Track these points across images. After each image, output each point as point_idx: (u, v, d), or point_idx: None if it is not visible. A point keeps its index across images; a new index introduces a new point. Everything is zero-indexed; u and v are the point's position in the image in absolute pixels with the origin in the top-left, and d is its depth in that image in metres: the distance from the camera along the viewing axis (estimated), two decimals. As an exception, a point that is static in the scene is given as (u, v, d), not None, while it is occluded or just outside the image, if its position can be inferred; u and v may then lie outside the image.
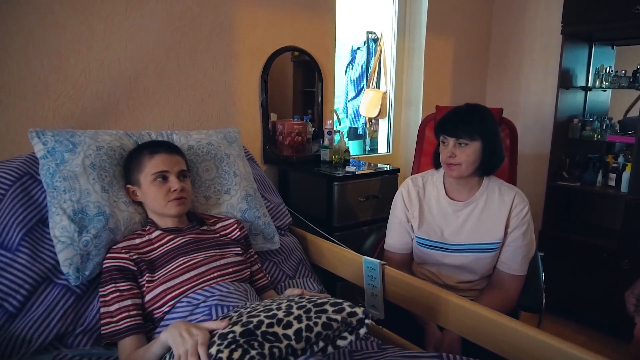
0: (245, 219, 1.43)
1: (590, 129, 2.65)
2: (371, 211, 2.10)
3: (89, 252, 1.13)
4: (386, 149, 3.08)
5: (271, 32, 2.19)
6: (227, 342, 0.79)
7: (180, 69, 1.91)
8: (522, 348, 1.05)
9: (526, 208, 1.42)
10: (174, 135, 1.46)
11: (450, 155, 1.36)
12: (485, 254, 1.42)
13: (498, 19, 3.27)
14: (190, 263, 1.15)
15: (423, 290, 1.23)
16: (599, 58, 2.77)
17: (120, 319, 1.07)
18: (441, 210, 1.47)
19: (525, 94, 3.15)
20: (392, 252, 1.54)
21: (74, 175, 1.18)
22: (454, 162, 1.36)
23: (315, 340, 0.84)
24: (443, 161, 1.40)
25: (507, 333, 1.07)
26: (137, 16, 1.76)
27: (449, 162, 1.37)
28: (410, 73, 3.01)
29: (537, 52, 3.07)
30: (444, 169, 1.43)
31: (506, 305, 1.40)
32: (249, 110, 2.18)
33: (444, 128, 1.39)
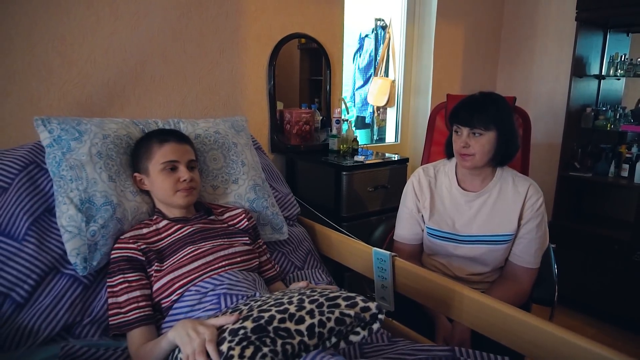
0: (254, 208, 1.41)
1: (603, 119, 2.59)
2: (380, 201, 2.07)
3: (97, 242, 1.11)
4: (394, 139, 3.04)
5: (279, 19, 2.15)
6: (238, 339, 0.77)
7: (186, 56, 1.87)
8: (534, 341, 1.03)
9: (540, 199, 1.38)
10: (181, 123, 1.43)
11: (464, 145, 1.33)
12: (497, 246, 1.39)
13: (510, 3, 3.19)
14: (198, 252, 1.13)
15: (435, 282, 1.21)
16: (614, 45, 2.70)
17: (129, 310, 1.05)
18: (453, 201, 1.44)
19: (537, 82, 3.09)
20: (402, 242, 1.52)
21: (80, 164, 1.16)
22: (468, 152, 1.33)
23: (328, 336, 0.82)
24: (456, 151, 1.37)
25: (520, 326, 1.05)
26: (144, 1, 1.72)
27: (462, 152, 1.34)
28: (420, 61, 2.96)
29: (550, 38, 3.00)
30: (457, 160, 1.40)
31: (519, 298, 1.38)
32: (256, 98, 2.15)
33: (458, 117, 1.36)
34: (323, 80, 2.43)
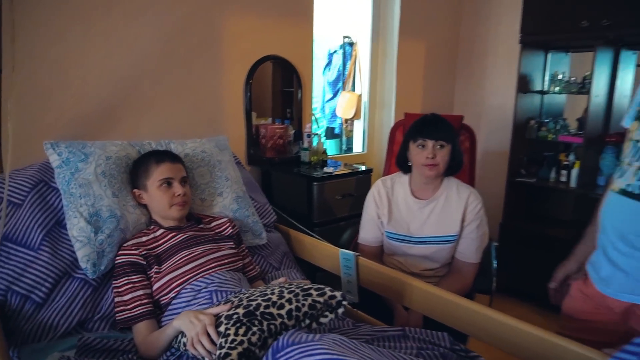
0: (237, 218, 1.62)
1: (545, 130, 2.91)
2: (347, 208, 2.31)
3: (104, 249, 1.31)
4: (362, 149, 3.30)
5: (255, 41, 2.36)
6: (232, 321, 0.99)
7: (173, 77, 2.06)
8: (475, 323, 1.26)
9: (480, 205, 1.65)
10: (172, 144, 1.63)
11: (432, 156, 1.56)
12: (445, 245, 1.65)
13: (466, 25, 3.51)
14: (191, 255, 1.34)
15: (392, 277, 1.45)
16: (555, 64, 3.02)
17: (133, 306, 1.25)
18: (407, 208, 1.68)
19: (488, 97, 3.41)
20: (366, 244, 1.75)
21: (88, 183, 1.35)
22: (434, 162, 1.56)
23: (303, 318, 1.05)
24: (421, 163, 1.58)
25: (463, 311, 1.29)
26: (133, 27, 1.90)
27: (429, 162, 1.56)
28: (384, 76, 3.22)
29: (500, 57, 3.32)
30: (420, 170, 1.61)
31: (463, 288, 1.63)
32: (235, 115, 2.35)
33: (422, 132, 1.59)
34: (294, 95, 2.64)
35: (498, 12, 3.29)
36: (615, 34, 2.39)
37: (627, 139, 1.20)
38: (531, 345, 1.15)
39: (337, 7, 3.48)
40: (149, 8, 1.93)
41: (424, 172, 1.61)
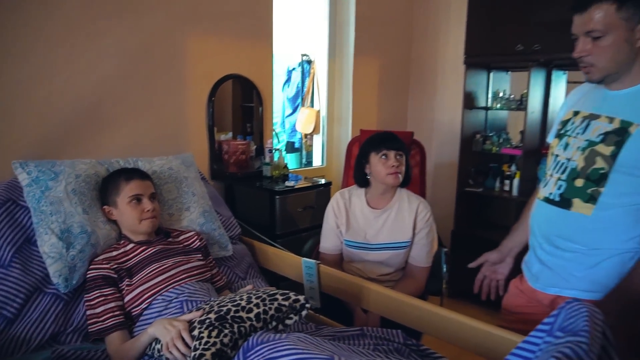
0: (203, 231, 1.70)
1: (490, 143, 3.15)
2: (309, 219, 2.42)
3: (75, 264, 1.36)
4: (321, 162, 3.43)
5: (217, 61, 2.46)
6: (205, 325, 1.08)
7: (136, 96, 2.12)
8: (428, 321, 1.40)
9: (429, 213, 1.81)
10: (139, 162, 1.70)
11: (398, 164, 1.72)
12: (399, 251, 1.79)
13: (416, 45, 3.74)
14: (162, 267, 1.41)
15: (351, 282, 1.57)
16: (497, 82, 3.28)
17: (105, 318, 1.30)
18: (364, 217, 1.82)
19: (438, 113, 3.64)
20: (326, 253, 1.87)
21: (59, 200, 1.40)
22: (399, 170, 1.72)
23: (270, 321, 1.15)
24: (386, 172, 1.72)
25: (416, 310, 1.42)
26: (96, 48, 1.95)
27: (395, 171, 1.71)
28: (341, 93, 3.39)
29: (448, 75, 3.56)
30: (384, 180, 1.74)
31: (417, 290, 1.78)
32: (198, 131, 2.43)
33: (385, 144, 1.74)
34: (255, 112, 2.74)
35: (445, 34, 3.54)
36: (545, 57, 2.65)
37: (550, 154, 1.39)
38: (475, 337, 1.30)
39: (295, 26, 3.64)
40: (111, 29, 2.00)
41: (389, 181, 1.74)
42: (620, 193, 1.18)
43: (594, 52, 1.17)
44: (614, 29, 1.13)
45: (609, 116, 1.21)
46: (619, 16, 1.11)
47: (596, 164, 1.20)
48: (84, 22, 1.91)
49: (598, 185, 1.20)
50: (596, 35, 1.15)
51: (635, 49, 1.15)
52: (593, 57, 1.17)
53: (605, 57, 1.16)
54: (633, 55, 1.16)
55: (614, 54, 1.15)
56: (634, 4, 1.10)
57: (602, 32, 1.13)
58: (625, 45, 1.14)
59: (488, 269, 1.60)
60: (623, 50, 1.15)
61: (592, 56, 1.17)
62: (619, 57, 1.15)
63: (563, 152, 1.31)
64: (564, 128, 1.34)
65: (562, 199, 1.28)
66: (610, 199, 1.19)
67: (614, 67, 1.17)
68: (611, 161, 1.17)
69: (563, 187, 1.28)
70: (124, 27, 2.04)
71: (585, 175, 1.22)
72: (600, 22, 1.13)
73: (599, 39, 1.15)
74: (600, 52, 1.16)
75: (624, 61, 1.16)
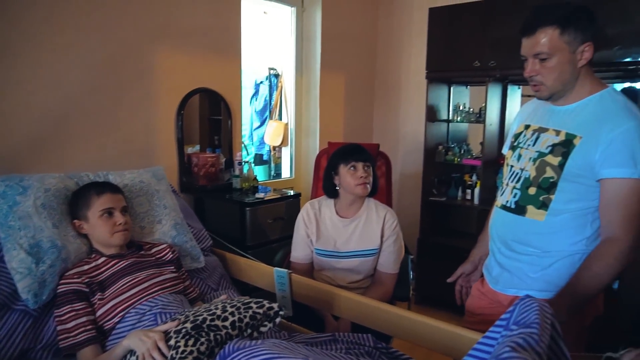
0: (176, 243, 1.71)
1: (451, 154, 3.29)
2: (279, 230, 2.46)
3: (45, 279, 1.34)
4: (290, 174, 3.48)
5: (186, 75, 2.48)
6: (182, 335, 1.10)
7: (104, 110, 2.12)
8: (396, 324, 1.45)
9: (395, 222, 1.88)
10: (110, 175, 1.70)
11: (366, 175, 1.78)
12: (368, 258, 1.85)
13: (379, 59, 3.88)
14: (135, 280, 1.41)
15: (322, 289, 1.62)
16: (457, 96, 3.44)
17: (77, 333, 1.29)
18: (334, 226, 1.88)
19: (403, 125, 3.77)
20: (297, 262, 1.91)
21: (27, 215, 1.39)
22: (367, 181, 1.79)
23: (245, 328, 1.18)
24: (355, 183, 1.78)
25: (385, 314, 1.47)
26: (63, 62, 1.95)
27: (364, 181, 1.78)
28: (308, 107, 3.46)
29: (411, 89, 3.71)
30: (353, 191, 1.80)
31: (385, 296, 1.84)
32: (167, 145, 2.44)
33: (353, 155, 1.80)
34: (223, 124, 2.76)
35: (408, 50, 3.69)
36: (501, 73, 2.81)
37: (505, 164, 1.50)
38: (442, 338, 1.36)
39: (263, 40, 3.70)
40: (79, 43, 2.00)
41: (358, 191, 1.80)
42: (568, 200, 1.29)
43: (541, 72, 1.28)
44: (558, 52, 1.24)
45: (555, 129, 1.32)
46: (562, 40, 1.23)
47: (546, 173, 1.31)
48: (49, 35, 1.90)
49: (549, 192, 1.31)
50: (543, 57, 1.26)
51: (577, 69, 1.27)
52: (541, 76, 1.29)
53: (551, 76, 1.27)
54: (576, 74, 1.28)
55: (559, 74, 1.26)
56: (575, 29, 1.22)
57: (547, 54, 1.25)
58: (569, 66, 1.26)
59: (464, 280, 1.68)
60: (567, 71, 1.26)
61: (540, 76, 1.29)
62: (564, 77, 1.27)
63: (517, 162, 1.41)
64: (517, 140, 1.45)
65: (517, 206, 1.37)
66: (559, 205, 1.30)
67: (559, 86, 1.29)
68: (559, 170, 1.28)
69: (518, 195, 1.38)
70: (92, 40, 2.04)
71: (537, 183, 1.33)
72: (546, 45, 1.24)
73: (545, 60, 1.26)
74: (547, 72, 1.27)
75: (568, 80, 1.28)
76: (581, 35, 1.23)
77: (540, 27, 1.24)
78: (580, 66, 1.27)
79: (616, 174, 1.20)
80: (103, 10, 2.07)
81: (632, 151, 1.18)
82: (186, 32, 2.44)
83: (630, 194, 1.20)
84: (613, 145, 1.19)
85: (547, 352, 0.74)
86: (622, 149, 1.19)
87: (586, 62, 1.26)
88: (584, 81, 1.29)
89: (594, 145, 1.22)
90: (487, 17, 2.85)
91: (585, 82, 1.30)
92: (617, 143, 1.19)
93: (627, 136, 1.19)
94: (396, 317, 1.46)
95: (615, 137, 1.19)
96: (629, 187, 1.19)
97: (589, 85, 1.30)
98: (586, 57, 1.25)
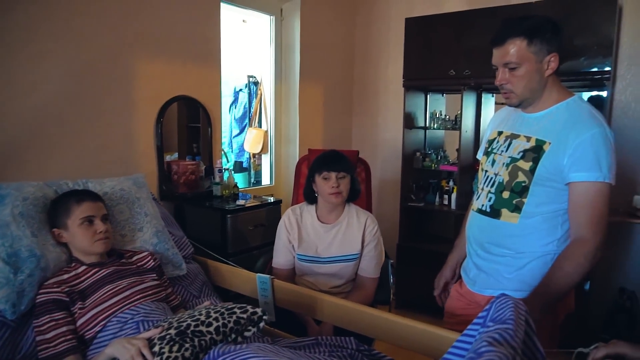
0: (157, 251, 1.71)
1: (429, 160, 3.36)
2: (260, 237, 2.47)
3: (24, 289, 1.32)
4: (269, 181, 3.49)
5: (165, 82, 2.48)
6: (166, 341, 1.10)
7: (82, 118, 2.10)
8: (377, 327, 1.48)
9: (376, 227, 1.92)
10: (89, 183, 1.69)
11: (337, 185, 1.81)
12: (349, 263, 1.88)
13: (357, 68, 3.94)
14: (116, 289, 1.40)
15: (304, 294, 1.64)
16: (433, 104, 3.52)
17: (57, 343, 1.28)
18: (315, 232, 1.90)
19: (381, 132, 3.84)
20: (279, 268, 1.93)
21: (5, 224, 1.37)
22: (339, 191, 1.82)
23: (229, 333, 1.19)
24: (327, 193, 1.82)
25: (366, 317, 1.50)
26: (40, 70, 1.93)
27: (335, 191, 1.81)
28: (288, 114, 3.49)
29: (389, 97, 3.77)
30: (326, 199, 1.85)
31: (366, 300, 1.87)
32: (146, 152, 2.42)
33: (327, 166, 1.83)
34: (202, 129, 2.75)
35: (385, 59, 3.77)
36: (475, 81, 2.90)
37: (480, 169, 1.55)
38: (423, 339, 1.40)
39: (242, 48, 3.72)
40: (56, 50, 1.98)
41: (331, 200, 1.85)
42: (540, 203, 1.35)
43: (511, 81, 1.35)
44: (526, 61, 1.31)
45: (526, 135, 1.38)
46: (529, 50, 1.30)
47: (518, 178, 1.37)
48: (26, 42, 1.88)
49: (521, 196, 1.36)
50: (512, 67, 1.32)
51: (544, 78, 1.34)
52: (511, 85, 1.35)
53: (520, 85, 1.34)
54: (543, 83, 1.34)
55: (527, 82, 1.33)
56: (541, 40, 1.29)
57: (516, 63, 1.31)
58: (536, 75, 1.32)
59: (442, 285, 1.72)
60: (534, 79, 1.33)
61: (510, 84, 1.35)
62: (532, 85, 1.34)
63: (491, 167, 1.47)
64: (491, 146, 1.51)
65: (492, 210, 1.43)
66: (532, 208, 1.36)
67: (528, 93, 1.35)
68: (530, 175, 1.34)
69: (492, 199, 1.43)
70: (70, 48, 2.03)
71: (510, 188, 1.38)
72: (515, 55, 1.30)
73: (514, 70, 1.32)
74: (516, 81, 1.34)
75: (536, 88, 1.35)
76: (547, 46, 1.30)
77: (509, 38, 1.31)
78: (547, 75, 1.33)
79: (583, 178, 1.26)
80: (81, 17, 2.06)
81: (597, 156, 1.25)
82: (165, 39, 2.44)
83: (596, 196, 1.26)
84: (579, 150, 1.26)
85: (521, 347, 0.77)
86: (587, 154, 1.25)
87: (552, 71, 1.33)
88: (551, 89, 1.36)
89: (562, 150, 1.29)
90: (460, 27, 2.94)
91: (553, 90, 1.36)
92: (583, 148, 1.26)
93: (593, 142, 1.25)
94: (378, 319, 1.49)
95: (581, 142, 1.26)
96: (595, 189, 1.26)
97: (556, 93, 1.37)
98: (552, 66, 1.32)
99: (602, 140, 1.26)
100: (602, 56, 2.53)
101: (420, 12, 3.34)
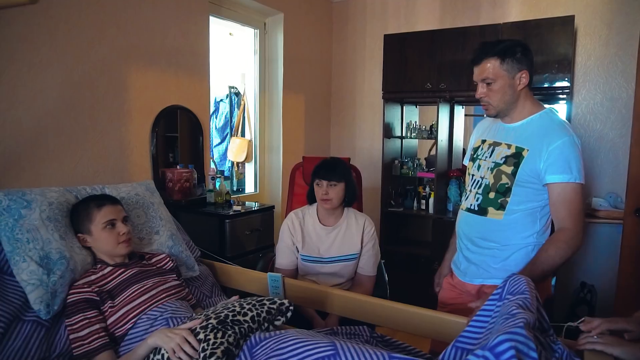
0: (172, 253, 1.78)
1: (406, 168, 3.57)
2: (255, 241, 2.57)
3: (57, 290, 1.38)
4: (254, 189, 3.59)
5: (159, 93, 2.55)
6: (210, 329, 1.20)
7: (78, 127, 2.14)
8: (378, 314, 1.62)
9: (373, 229, 2.07)
10: (106, 188, 1.74)
11: (325, 193, 1.94)
12: (349, 262, 2.02)
13: (335, 80, 4.12)
14: (143, 288, 1.48)
15: (314, 289, 1.76)
16: (409, 114, 3.74)
17: (91, 340, 1.34)
18: (317, 234, 2.03)
19: (360, 141, 4.02)
20: (282, 269, 2.04)
21: (35, 228, 1.42)
22: (327, 197, 1.95)
23: (263, 322, 1.30)
24: (319, 198, 1.97)
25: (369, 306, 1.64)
26: (39, 80, 1.97)
27: (324, 198, 1.95)
28: (271, 124, 3.61)
29: (367, 108, 3.98)
30: (320, 204, 2.00)
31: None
32: (141, 161, 2.48)
33: (319, 174, 1.97)
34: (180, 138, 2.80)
35: (362, 72, 3.97)
36: (449, 94, 3.14)
37: (467, 174, 1.74)
38: (421, 322, 1.55)
39: (225, 60, 3.81)
40: (55, 61, 2.03)
41: (322, 205, 2.00)
42: (520, 201, 1.55)
43: (488, 95, 1.56)
44: (500, 77, 1.52)
45: (507, 143, 1.59)
46: (502, 68, 1.52)
47: (502, 180, 1.57)
48: (26, 53, 1.92)
49: (505, 196, 1.56)
50: (489, 82, 1.54)
51: (517, 92, 1.55)
52: (488, 98, 1.57)
53: (496, 97, 1.55)
54: (516, 96, 1.56)
55: (502, 95, 1.54)
56: (512, 59, 1.51)
57: (492, 79, 1.53)
58: (509, 89, 1.54)
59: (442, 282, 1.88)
60: (508, 93, 1.54)
61: (488, 97, 1.57)
62: (506, 98, 1.55)
63: (477, 171, 1.67)
64: (476, 153, 1.71)
65: (480, 208, 1.62)
66: (514, 206, 1.56)
67: (503, 105, 1.57)
68: (512, 178, 1.54)
69: (480, 199, 1.62)
70: (68, 59, 2.08)
71: (495, 189, 1.58)
72: (490, 72, 1.52)
73: (491, 84, 1.54)
74: (492, 94, 1.55)
75: (510, 101, 1.56)
76: (517, 65, 1.52)
77: (485, 58, 1.53)
78: (520, 89, 1.55)
79: (558, 179, 1.47)
80: (78, 29, 2.11)
81: (567, 160, 1.46)
82: (158, 52, 2.52)
83: (572, 193, 1.47)
84: (552, 156, 1.47)
85: (536, 314, 0.94)
86: (559, 159, 1.47)
87: (524, 86, 1.55)
88: (524, 102, 1.58)
89: (538, 156, 1.50)
90: (434, 44, 3.18)
91: (526, 102, 1.58)
92: (556, 154, 1.47)
93: (563, 148, 1.47)
94: (382, 307, 1.63)
95: (553, 149, 1.47)
96: (569, 188, 1.47)
97: (530, 105, 1.58)
98: (523, 82, 1.54)
99: (571, 147, 1.47)
100: (561, 73, 2.83)
101: (393, 29, 3.58)
